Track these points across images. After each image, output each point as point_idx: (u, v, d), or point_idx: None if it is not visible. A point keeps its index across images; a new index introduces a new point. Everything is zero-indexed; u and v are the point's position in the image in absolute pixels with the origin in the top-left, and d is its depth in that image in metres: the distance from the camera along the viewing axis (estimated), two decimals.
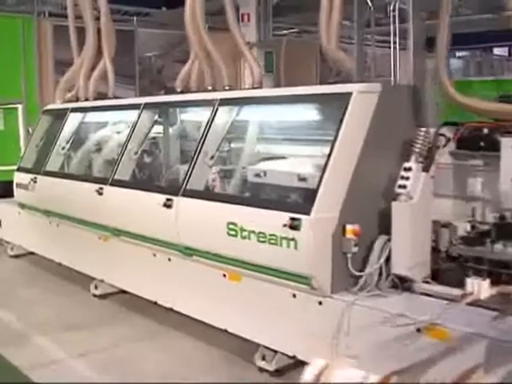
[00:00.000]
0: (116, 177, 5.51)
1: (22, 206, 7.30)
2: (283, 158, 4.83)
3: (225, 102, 4.82)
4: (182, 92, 5.75)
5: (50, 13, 12.25)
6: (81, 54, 7.64)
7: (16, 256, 7.99)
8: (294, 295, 4.10)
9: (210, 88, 5.50)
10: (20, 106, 11.88)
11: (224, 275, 4.59)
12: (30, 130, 8.66)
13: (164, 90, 14.59)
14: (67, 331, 5.42)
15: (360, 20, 11.31)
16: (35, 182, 6.75)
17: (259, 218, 4.08)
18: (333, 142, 3.90)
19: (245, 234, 4.15)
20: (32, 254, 7.70)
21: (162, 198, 4.81)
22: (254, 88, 5.04)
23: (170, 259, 5.07)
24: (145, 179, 5.76)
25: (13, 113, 11.62)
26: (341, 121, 3.92)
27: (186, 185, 4.70)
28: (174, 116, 5.70)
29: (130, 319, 5.62)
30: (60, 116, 7.05)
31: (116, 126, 6.51)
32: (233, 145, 4.96)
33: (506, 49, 20.52)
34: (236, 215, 4.23)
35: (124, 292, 6.02)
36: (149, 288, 5.34)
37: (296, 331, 4.08)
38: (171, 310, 5.18)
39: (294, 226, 3.82)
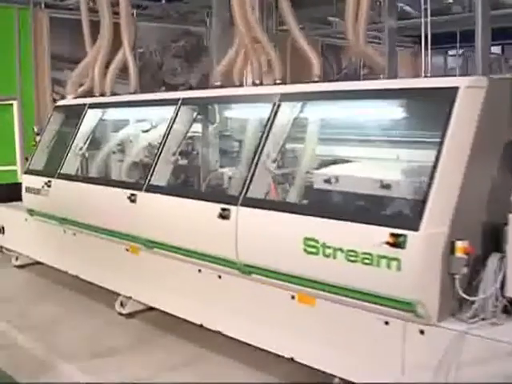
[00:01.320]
0: (152, 182, 4.84)
1: (31, 212, 6.59)
2: (356, 161, 4.23)
3: (287, 97, 4.19)
4: (221, 86, 5.13)
5: (47, 4, 11.48)
6: (95, 46, 6.98)
7: (21, 266, 7.27)
8: (387, 322, 3.50)
9: (258, 82, 4.90)
10: (15, 103, 11.12)
11: (292, 297, 3.98)
12: (35, 128, 7.92)
13: (164, 87, 13.98)
14: (97, 358, 4.77)
15: (391, 13, 10.82)
16: (49, 186, 6.04)
17: (349, 233, 3.47)
18: (440, 145, 3.30)
19: (328, 251, 3.53)
20: (39, 263, 7.01)
21: (216, 207, 4.16)
22: (316, 81, 4.44)
23: (220, 277, 4.44)
24: (187, 184, 5.07)
25: (7, 109, 10.85)
26: (447, 120, 3.33)
27: (247, 192, 4.07)
28: (218, 113, 5.04)
29: (166, 341, 4.98)
30: (75, 113, 6.36)
31: (143, 124, 5.84)
32: (296, 146, 4.33)
33: None
34: (317, 230, 3.60)
35: (152, 309, 5.38)
36: (192, 308, 4.69)
37: (385, 363, 3.50)
38: (210, 330, 4.57)
39: (398, 243, 3.22)
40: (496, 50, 22.08)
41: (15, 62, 11.10)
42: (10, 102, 10.94)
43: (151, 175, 4.86)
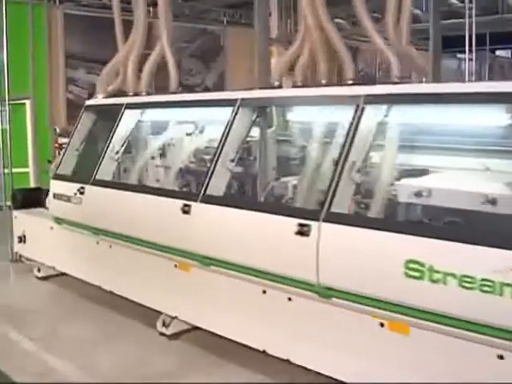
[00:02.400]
0: (209, 191, 4.37)
1: (59, 220, 6.09)
2: (448, 171, 3.78)
3: (374, 98, 3.74)
4: (279, 86, 4.66)
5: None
6: (126, 43, 6.51)
7: (45, 278, 6.77)
8: (501, 356, 3.06)
9: (324, 81, 4.44)
10: (28, 102, 10.64)
11: (381, 324, 3.52)
12: (58, 129, 7.43)
13: (180, 88, 13.51)
14: None
15: (436, 15, 10.45)
16: (82, 193, 5.55)
17: (464, 256, 3.02)
18: None
19: (437, 276, 3.08)
20: (63, 275, 6.52)
21: (292, 222, 3.70)
22: (397, 82, 3.99)
23: (290, 299, 3.97)
24: (250, 195, 4.58)
25: (19, 109, 10.34)
26: None
27: (330, 206, 3.60)
28: (282, 115, 4.57)
29: (222, 367, 4.49)
30: (110, 113, 5.87)
31: (186, 126, 5.37)
32: (379, 154, 3.88)
33: None
34: (422, 251, 3.15)
35: (196, 329, 4.91)
36: (254, 333, 4.22)
37: None
38: (273, 357, 4.10)
39: None
40: (504, 53, 21.87)
41: (29, 59, 10.63)
42: (23, 101, 10.46)
43: (208, 184, 4.38)
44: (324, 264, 3.59)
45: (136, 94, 6.00)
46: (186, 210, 4.43)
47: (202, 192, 4.39)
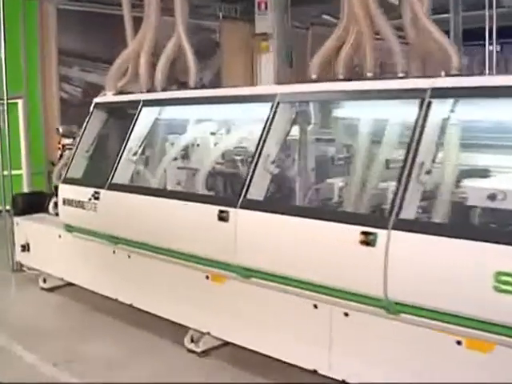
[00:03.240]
0: (249, 196, 3.97)
1: (70, 228, 5.65)
2: None
3: (440, 92, 3.37)
4: (317, 80, 4.28)
5: None
6: (136, 37, 6.11)
7: (51, 289, 6.32)
8: None
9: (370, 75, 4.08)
10: (20, 101, 10.12)
11: (458, 342, 3.17)
12: (61, 129, 6.97)
13: (177, 85, 13.06)
14: None
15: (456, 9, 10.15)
16: (97, 198, 5.12)
17: None
18: None
19: None
20: (70, 285, 6.09)
21: (355, 230, 3.33)
22: (452, 75, 3.64)
23: (347, 314, 3.60)
24: (297, 199, 4.16)
25: (12, 109, 9.81)
26: None
27: (399, 213, 3.23)
28: (325, 112, 4.19)
29: None
30: (124, 111, 5.46)
31: (210, 125, 4.98)
32: (445, 153, 3.52)
33: None
34: None
35: (226, 344, 4.54)
36: (304, 351, 3.84)
37: None
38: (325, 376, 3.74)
39: None
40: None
41: (21, 57, 10.13)
42: (15, 100, 9.93)
43: (247, 188, 3.98)
44: (393, 277, 3.22)
45: (149, 91, 5.59)
46: (222, 217, 4.04)
47: (242, 197, 3.99)
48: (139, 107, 5.17)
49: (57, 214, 6.48)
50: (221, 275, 4.28)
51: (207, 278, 4.42)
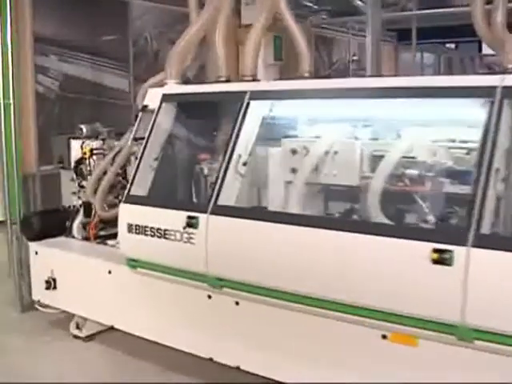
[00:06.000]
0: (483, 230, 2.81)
1: (133, 262, 4.26)
2: None
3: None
4: None
5: None
6: (202, 12, 4.90)
7: (89, 338, 4.88)
8: None
9: None
10: None
11: None
12: (84, 128, 5.54)
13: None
14: None
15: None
16: (192, 225, 3.77)
17: None
18: None
19: None
20: (111, 329, 4.71)
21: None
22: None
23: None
24: None
25: None
26: None
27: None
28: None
29: None
30: (212, 106, 4.16)
31: (343, 126, 3.77)
32: None
33: None
34: None
35: None
36: None
37: None
38: None
39: None
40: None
41: None
42: None
43: (479, 220, 2.81)
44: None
45: (228, 80, 4.35)
46: (440, 260, 2.85)
47: (472, 231, 2.82)
48: (245, 101, 3.86)
49: (85, 239, 5.14)
50: (407, 337, 3.09)
51: (384, 337, 3.22)
